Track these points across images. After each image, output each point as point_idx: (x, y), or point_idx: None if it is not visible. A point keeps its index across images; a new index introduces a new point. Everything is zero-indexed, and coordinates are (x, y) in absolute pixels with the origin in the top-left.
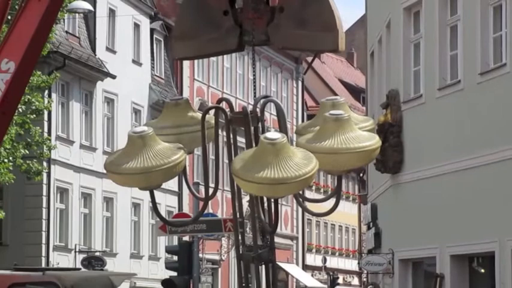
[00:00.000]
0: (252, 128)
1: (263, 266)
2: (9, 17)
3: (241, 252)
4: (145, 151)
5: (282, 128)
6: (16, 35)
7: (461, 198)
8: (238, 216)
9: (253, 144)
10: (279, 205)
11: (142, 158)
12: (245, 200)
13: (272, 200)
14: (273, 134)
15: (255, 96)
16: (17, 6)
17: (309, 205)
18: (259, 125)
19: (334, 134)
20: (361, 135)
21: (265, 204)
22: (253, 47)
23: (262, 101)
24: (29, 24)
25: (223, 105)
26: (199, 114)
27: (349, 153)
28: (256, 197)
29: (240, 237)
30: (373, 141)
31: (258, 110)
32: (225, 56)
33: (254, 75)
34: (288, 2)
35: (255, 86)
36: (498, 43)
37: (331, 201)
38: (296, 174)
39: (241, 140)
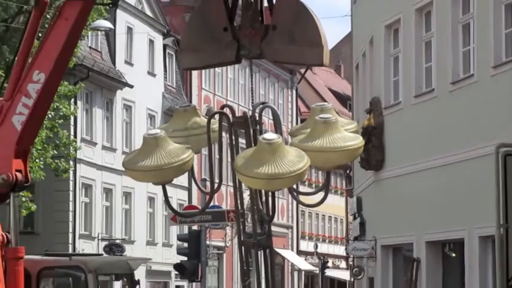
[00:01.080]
0: (251, 130)
1: (262, 251)
2: (39, 34)
3: (242, 239)
4: (158, 151)
5: (278, 130)
6: (46, 50)
7: (435, 192)
8: (239, 207)
9: (253, 144)
10: (276, 198)
11: (156, 157)
12: (246, 193)
13: (269, 192)
14: (269, 135)
15: (253, 102)
16: (46, 25)
17: (302, 198)
18: (258, 127)
19: (323, 134)
20: (346, 135)
21: (264, 197)
22: (250, 61)
23: (260, 106)
24: (57, 40)
25: (227, 110)
26: (204, 119)
27: (336, 151)
28: (255, 191)
29: (241, 226)
30: (357, 141)
31: (256, 114)
32: (228, 68)
33: (252, 84)
34: (279, 21)
35: (253, 94)
36: (467, 56)
37: (321, 194)
38: (290, 170)
39: (242, 141)
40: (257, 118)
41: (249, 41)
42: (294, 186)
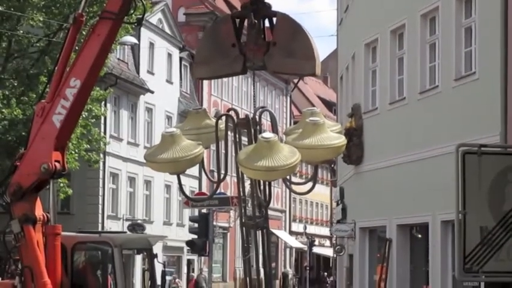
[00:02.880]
0: (252, 130)
1: (260, 231)
2: (76, 47)
3: (243, 221)
4: (174, 146)
5: (274, 129)
6: (81, 60)
7: (405, 183)
8: (241, 194)
9: (253, 142)
10: (272, 187)
11: (172, 151)
12: (247, 183)
13: (266, 182)
14: (267, 134)
15: (254, 107)
16: (82, 40)
17: (294, 187)
18: (258, 127)
19: (313, 134)
20: (331, 135)
21: (262, 186)
22: (253, 72)
23: (259, 110)
24: (91, 52)
25: (232, 113)
26: (213, 120)
27: (323, 148)
28: (254, 180)
29: (242, 210)
30: (341, 139)
31: (256, 117)
32: (234, 77)
33: (254, 91)
34: (279, 38)
35: (255, 99)
36: (432, 70)
37: (310, 184)
38: (284, 164)
39: (244, 139)
40: (257, 120)
41: (253, 55)
42: (288, 177)
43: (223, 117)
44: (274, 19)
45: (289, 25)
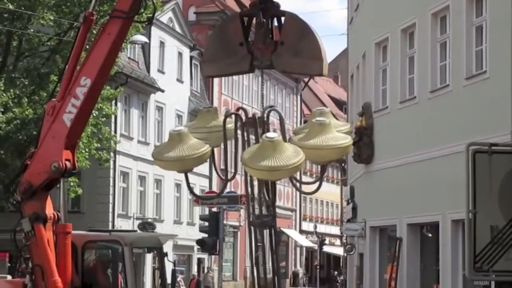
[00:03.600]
0: (260, 130)
1: (268, 230)
2: (87, 46)
3: (251, 220)
4: (181, 145)
5: (282, 127)
6: (92, 59)
7: (416, 182)
8: (249, 194)
9: (260, 141)
10: (282, 186)
11: (179, 149)
12: (256, 182)
13: (269, 181)
14: (271, 134)
15: (263, 106)
16: (93, 39)
17: (302, 186)
18: (266, 127)
19: (318, 134)
20: (337, 135)
21: (269, 185)
22: (262, 71)
23: (268, 109)
24: (101, 51)
25: (241, 112)
26: (222, 119)
27: (328, 148)
28: (261, 180)
29: (250, 210)
30: (346, 140)
31: (264, 116)
32: (244, 76)
33: (263, 90)
34: (287, 37)
35: (263, 98)
36: (443, 69)
37: (318, 184)
38: (287, 163)
39: (253, 138)
40: (265, 119)
41: (261, 54)
42: (298, 177)
43: (232, 116)
44: (283, 18)
45: (297, 25)
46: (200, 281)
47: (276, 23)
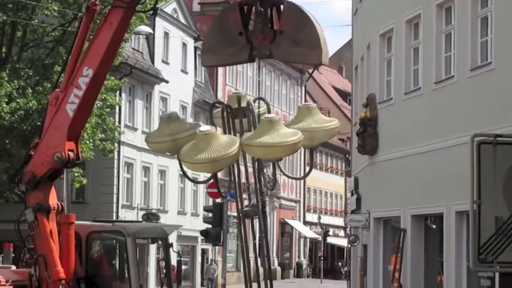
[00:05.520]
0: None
1: (255, 219)
2: (90, 37)
3: (240, 209)
4: (210, 145)
5: (269, 113)
6: (94, 49)
7: (420, 174)
8: (238, 180)
9: (253, 128)
10: (287, 178)
11: (209, 151)
12: (248, 170)
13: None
14: (270, 115)
15: (259, 93)
16: (96, 29)
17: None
18: (252, 115)
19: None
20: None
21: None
22: (258, 59)
23: (255, 100)
24: (103, 41)
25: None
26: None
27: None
28: (260, 163)
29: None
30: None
31: (251, 105)
32: (248, 67)
33: (259, 78)
34: (286, 27)
35: (259, 86)
36: (448, 60)
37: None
38: (283, 141)
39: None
40: (250, 108)
41: (259, 43)
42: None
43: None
44: (282, 7)
45: (295, 14)
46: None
47: (275, 12)
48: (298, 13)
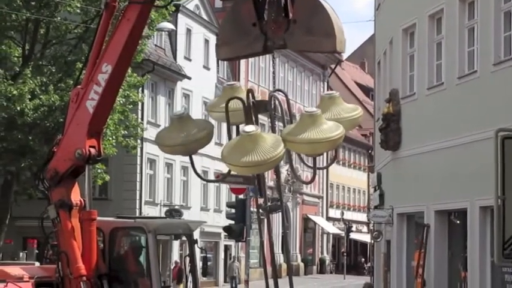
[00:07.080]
0: (284, 113)
1: (276, 214)
2: (109, 33)
3: (259, 203)
4: (256, 147)
5: (288, 107)
6: (112, 45)
7: (443, 169)
8: (262, 178)
9: (285, 124)
10: (310, 173)
11: (255, 153)
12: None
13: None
14: (312, 109)
15: (274, 85)
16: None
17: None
18: (273, 109)
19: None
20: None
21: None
22: (273, 51)
23: (272, 93)
24: (121, 37)
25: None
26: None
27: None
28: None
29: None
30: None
31: (273, 100)
32: (270, 62)
33: (274, 70)
34: (299, 15)
35: (274, 78)
36: (471, 55)
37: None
38: (327, 136)
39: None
40: (272, 102)
41: (273, 33)
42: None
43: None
44: None
45: (309, 2)
46: (182, 269)
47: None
48: (311, 1)
